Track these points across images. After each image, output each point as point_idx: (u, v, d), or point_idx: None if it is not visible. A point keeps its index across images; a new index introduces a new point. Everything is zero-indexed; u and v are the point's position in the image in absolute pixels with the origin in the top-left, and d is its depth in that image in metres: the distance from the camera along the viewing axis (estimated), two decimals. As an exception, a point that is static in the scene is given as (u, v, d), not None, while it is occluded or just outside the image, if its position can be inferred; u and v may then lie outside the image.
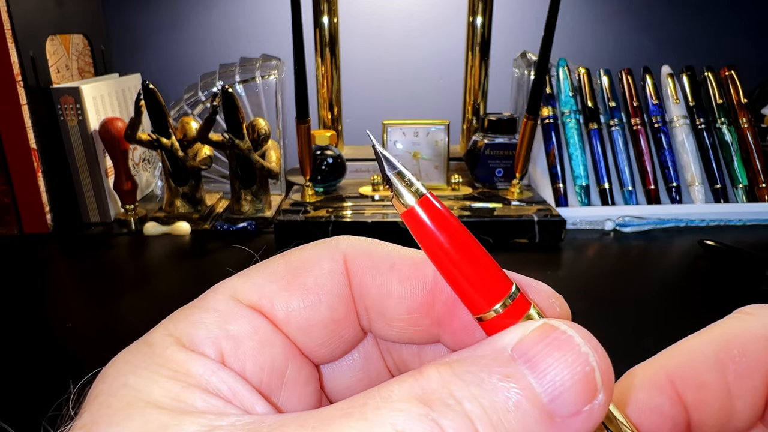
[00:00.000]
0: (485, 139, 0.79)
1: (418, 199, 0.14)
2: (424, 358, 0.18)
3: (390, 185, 0.15)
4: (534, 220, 0.69)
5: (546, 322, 0.13)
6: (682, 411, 0.17)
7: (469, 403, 0.12)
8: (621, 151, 0.79)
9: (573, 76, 0.81)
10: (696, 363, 0.16)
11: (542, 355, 0.13)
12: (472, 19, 0.86)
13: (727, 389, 0.16)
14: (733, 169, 0.79)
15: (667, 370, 0.17)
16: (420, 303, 0.17)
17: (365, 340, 0.19)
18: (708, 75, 0.82)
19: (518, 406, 0.12)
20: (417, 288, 0.17)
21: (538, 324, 0.13)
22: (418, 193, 0.14)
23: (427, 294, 0.17)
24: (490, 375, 0.12)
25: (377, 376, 0.19)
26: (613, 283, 0.60)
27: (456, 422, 0.12)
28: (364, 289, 0.17)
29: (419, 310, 0.17)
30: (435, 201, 0.15)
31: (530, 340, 0.13)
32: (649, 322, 0.52)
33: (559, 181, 0.78)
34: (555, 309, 0.16)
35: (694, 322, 0.18)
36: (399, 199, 0.15)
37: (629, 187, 0.78)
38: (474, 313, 0.15)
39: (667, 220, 0.74)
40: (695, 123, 0.80)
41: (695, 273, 0.62)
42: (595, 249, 0.69)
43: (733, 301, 0.55)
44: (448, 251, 0.14)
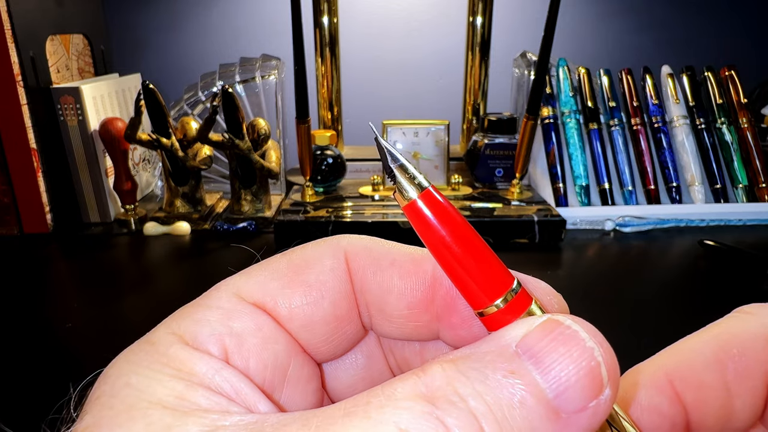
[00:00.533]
0: (485, 139, 0.79)
1: (420, 193, 0.14)
2: (426, 356, 0.18)
3: (392, 178, 0.15)
4: (534, 220, 0.69)
5: (551, 317, 0.13)
6: (681, 411, 0.17)
7: (474, 400, 0.12)
8: (621, 151, 0.79)
9: (573, 76, 0.81)
10: (695, 362, 0.16)
11: (547, 350, 0.13)
12: (472, 19, 0.86)
13: (726, 389, 0.16)
14: (733, 169, 0.79)
15: (666, 370, 0.17)
16: (420, 299, 0.17)
17: (367, 339, 0.19)
18: (708, 75, 0.82)
19: (523, 402, 0.12)
20: (417, 284, 0.17)
21: (542, 319, 0.13)
22: (420, 187, 0.14)
23: (426, 290, 0.17)
24: (495, 371, 0.12)
25: (380, 375, 0.19)
26: (613, 283, 0.60)
27: (460, 420, 0.11)
28: (365, 286, 0.17)
29: (419, 305, 0.17)
30: (437, 194, 0.15)
31: (535, 335, 0.13)
32: (649, 322, 0.52)
33: (559, 181, 0.78)
34: (553, 306, 0.16)
35: (694, 322, 0.18)
36: (401, 192, 0.15)
37: (629, 187, 0.78)
38: (475, 308, 0.15)
39: (667, 220, 0.74)
40: (695, 123, 0.80)
41: (695, 273, 0.62)
42: (595, 249, 0.69)
43: (733, 301, 0.55)
44: (450, 245, 0.14)
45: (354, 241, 0.17)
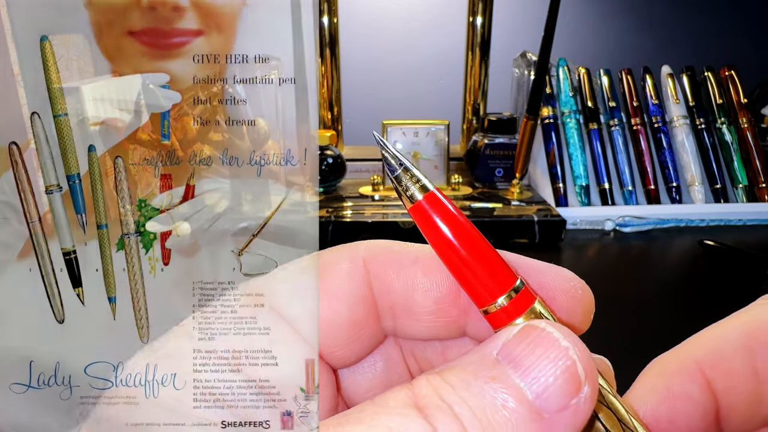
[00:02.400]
0: (485, 139, 0.79)
1: (424, 194, 0.15)
2: (448, 356, 0.18)
3: (397, 181, 0.15)
4: (534, 220, 0.69)
5: (528, 323, 0.14)
6: (711, 397, 0.17)
7: (458, 406, 0.12)
8: (621, 151, 0.79)
9: (573, 76, 0.81)
10: (724, 350, 0.16)
11: (525, 353, 0.13)
12: (472, 19, 0.86)
13: (755, 374, 0.16)
14: (733, 169, 0.79)
15: (695, 358, 0.17)
16: (446, 293, 0.17)
17: (386, 343, 0.19)
18: (708, 75, 0.82)
19: (505, 405, 0.12)
20: (442, 279, 0.17)
21: (520, 327, 0.14)
22: (424, 189, 0.15)
23: (452, 284, 0.17)
24: (477, 378, 0.13)
25: (399, 379, 0.19)
26: (613, 283, 0.60)
27: (447, 424, 0.12)
28: (389, 287, 0.17)
29: (446, 300, 0.17)
30: (441, 196, 0.15)
31: (513, 342, 0.13)
32: (649, 322, 0.52)
33: (559, 181, 0.78)
34: (577, 292, 0.17)
35: (694, 321, 0.18)
36: (405, 195, 0.15)
37: (629, 187, 0.78)
38: (479, 306, 0.15)
39: (667, 220, 0.74)
40: (695, 123, 0.80)
41: (695, 273, 0.62)
42: (595, 249, 0.69)
43: (733, 301, 0.55)
44: (454, 246, 0.15)
45: (371, 245, 0.17)
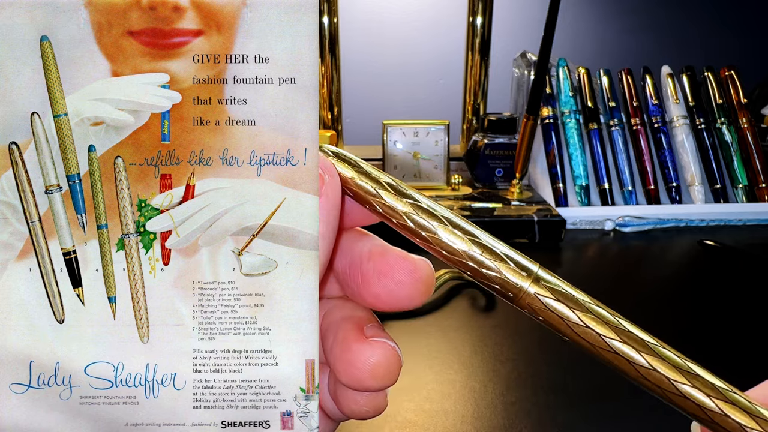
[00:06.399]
0: (485, 139, 0.79)
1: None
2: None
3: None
4: (534, 220, 0.69)
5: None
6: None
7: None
8: (621, 151, 0.79)
9: (573, 76, 0.81)
10: None
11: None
12: (472, 19, 0.86)
13: None
14: (732, 169, 0.79)
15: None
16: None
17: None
18: (708, 75, 0.82)
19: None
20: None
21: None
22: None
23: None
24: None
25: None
26: (613, 283, 0.60)
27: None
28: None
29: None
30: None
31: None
32: (649, 322, 0.52)
33: (559, 181, 0.78)
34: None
35: (694, 322, 0.18)
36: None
37: (629, 187, 0.78)
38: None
39: (667, 220, 0.74)
40: (695, 123, 0.80)
41: (695, 273, 0.62)
42: (595, 249, 0.69)
43: (733, 301, 0.55)
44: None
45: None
